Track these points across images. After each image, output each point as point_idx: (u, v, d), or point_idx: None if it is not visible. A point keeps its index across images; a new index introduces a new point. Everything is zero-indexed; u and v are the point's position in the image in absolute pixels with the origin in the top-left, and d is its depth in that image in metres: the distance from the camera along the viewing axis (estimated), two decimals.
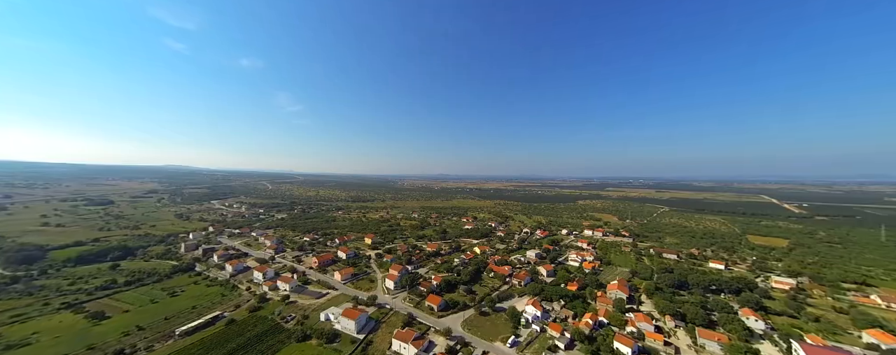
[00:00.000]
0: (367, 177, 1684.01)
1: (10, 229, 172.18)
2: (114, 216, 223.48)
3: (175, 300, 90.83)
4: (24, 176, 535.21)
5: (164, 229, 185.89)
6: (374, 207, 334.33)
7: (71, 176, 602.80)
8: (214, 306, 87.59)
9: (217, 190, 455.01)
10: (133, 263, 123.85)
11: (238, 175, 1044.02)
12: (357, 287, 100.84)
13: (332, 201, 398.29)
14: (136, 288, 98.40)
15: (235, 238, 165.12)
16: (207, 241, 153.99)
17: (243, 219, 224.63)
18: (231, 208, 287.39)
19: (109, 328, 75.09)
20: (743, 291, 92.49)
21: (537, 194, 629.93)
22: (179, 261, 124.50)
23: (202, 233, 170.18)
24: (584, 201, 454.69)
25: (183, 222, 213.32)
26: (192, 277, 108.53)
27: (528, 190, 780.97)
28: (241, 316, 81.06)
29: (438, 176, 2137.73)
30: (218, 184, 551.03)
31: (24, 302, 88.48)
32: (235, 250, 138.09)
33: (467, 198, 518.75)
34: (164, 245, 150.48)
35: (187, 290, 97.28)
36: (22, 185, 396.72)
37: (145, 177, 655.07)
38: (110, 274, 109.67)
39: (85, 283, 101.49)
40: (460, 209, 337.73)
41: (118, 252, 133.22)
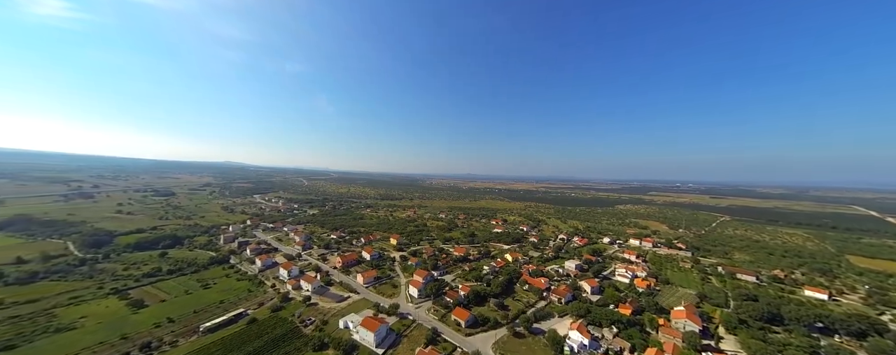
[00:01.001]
0: (395, 175, 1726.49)
1: (91, 215, 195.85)
2: (173, 206, 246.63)
3: (206, 292, 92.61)
4: (112, 169, 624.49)
5: (211, 220, 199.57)
6: (402, 206, 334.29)
7: (146, 169, 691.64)
8: (240, 302, 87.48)
9: (260, 185, 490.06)
10: (179, 252, 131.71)
11: (280, 171, 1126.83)
12: (379, 292, 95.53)
13: (362, 198, 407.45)
14: (176, 278, 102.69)
15: (269, 232, 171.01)
16: (244, 234, 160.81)
17: (278, 214, 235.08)
18: (269, 202, 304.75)
19: (145, 317, 77.25)
20: (868, 335, 70.56)
21: (571, 197, 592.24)
22: (217, 252, 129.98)
23: (240, 225, 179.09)
24: (625, 206, 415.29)
25: (227, 214, 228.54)
26: (226, 270, 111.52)
27: (560, 192, 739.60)
28: (263, 315, 79.35)
29: (465, 175, 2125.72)
30: (261, 180, 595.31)
31: (84, 284, 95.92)
32: (266, 245, 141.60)
33: (495, 199, 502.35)
34: (207, 235, 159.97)
35: (219, 283, 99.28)
36: (109, 177, 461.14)
37: (204, 172, 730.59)
38: (158, 262, 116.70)
39: (136, 270, 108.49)
40: (489, 210, 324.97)
41: (169, 240, 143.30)
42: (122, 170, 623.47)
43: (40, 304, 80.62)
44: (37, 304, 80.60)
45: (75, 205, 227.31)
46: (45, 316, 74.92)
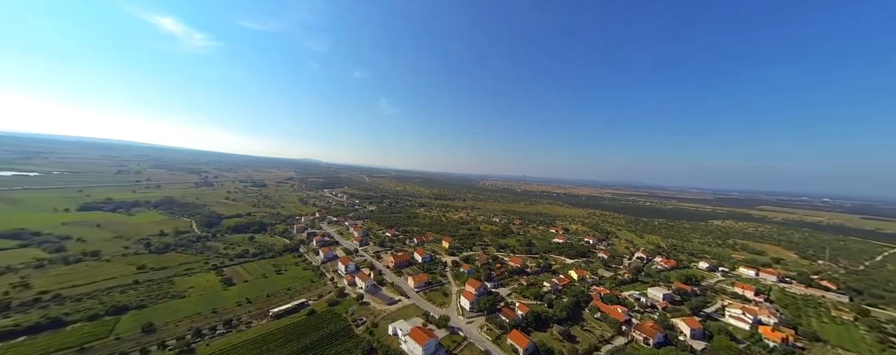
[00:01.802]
0: (448, 174, 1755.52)
1: (209, 200, 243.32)
2: (263, 196, 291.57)
3: (279, 278, 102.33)
4: (226, 163, 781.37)
5: (289, 210, 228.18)
6: (455, 206, 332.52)
7: (248, 164, 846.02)
8: (303, 291, 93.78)
9: (330, 180, 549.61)
10: (263, 237, 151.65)
11: (346, 168, 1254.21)
12: (430, 298, 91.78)
13: (416, 197, 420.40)
14: (258, 261, 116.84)
15: (333, 225, 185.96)
16: (313, 225, 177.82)
17: (342, 208, 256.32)
18: (336, 197, 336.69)
19: (231, 294, 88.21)
20: None
21: (645, 206, 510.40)
22: (291, 241, 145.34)
23: (311, 217, 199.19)
24: (723, 222, 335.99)
25: (302, 206, 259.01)
26: (295, 258, 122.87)
27: (631, 200, 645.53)
28: (320, 308, 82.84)
29: (520, 177, 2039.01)
30: (331, 176, 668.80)
31: (195, 258, 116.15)
32: (329, 237, 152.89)
33: (554, 203, 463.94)
34: (285, 224, 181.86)
35: (289, 270, 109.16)
36: (224, 170, 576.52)
37: (288, 167, 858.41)
38: (247, 245, 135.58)
39: (231, 250, 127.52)
40: (547, 216, 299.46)
41: (256, 226, 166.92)
42: (233, 164, 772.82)
43: (166, 272, 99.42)
44: (164, 272, 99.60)
45: (201, 192, 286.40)
46: (167, 283, 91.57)
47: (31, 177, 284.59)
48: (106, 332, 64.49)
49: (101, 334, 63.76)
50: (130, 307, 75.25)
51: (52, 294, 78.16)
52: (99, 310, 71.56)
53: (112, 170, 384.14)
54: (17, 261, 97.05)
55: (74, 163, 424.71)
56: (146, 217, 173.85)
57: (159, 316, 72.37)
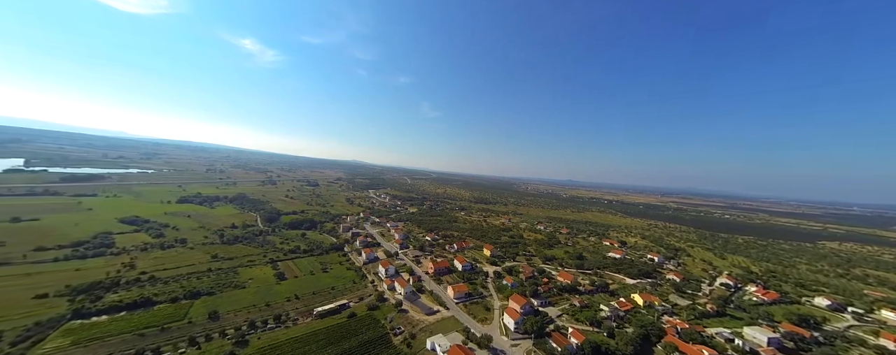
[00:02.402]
0: (489, 177, 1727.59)
1: (271, 197, 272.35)
2: (316, 195, 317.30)
3: (324, 276, 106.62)
4: (288, 164, 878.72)
5: (337, 210, 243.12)
6: (496, 211, 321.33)
7: (305, 165, 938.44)
8: (345, 292, 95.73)
9: (375, 181, 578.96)
10: (313, 234, 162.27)
11: (390, 170, 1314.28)
12: (470, 312, 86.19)
13: (456, 200, 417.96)
14: (307, 258, 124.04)
15: (376, 226, 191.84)
16: (357, 225, 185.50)
17: (385, 209, 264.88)
18: (379, 198, 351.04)
19: (283, 289, 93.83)
20: None
21: (722, 219, 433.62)
22: (336, 239, 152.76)
23: (356, 217, 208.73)
24: (841, 244, 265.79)
25: (348, 205, 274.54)
26: (340, 257, 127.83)
27: (701, 210, 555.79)
28: (361, 311, 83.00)
29: (566, 181, 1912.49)
30: (376, 177, 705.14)
31: (256, 250, 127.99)
32: (372, 239, 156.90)
33: (605, 211, 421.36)
34: (333, 223, 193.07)
35: (333, 269, 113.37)
36: (287, 170, 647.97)
37: (338, 168, 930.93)
38: (299, 241, 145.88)
39: (286, 245, 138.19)
40: (598, 226, 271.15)
41: (308, 224, 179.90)
42: (292, 164, 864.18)
43: (232, 263, 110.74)
44: (231, 262, 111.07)
45: (266, 189, 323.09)
46: (232, 273, 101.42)
47: (149, 174, 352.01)
48: (181, 315, 72.38)
49: (178, 316, 71.72)
50: (202, 293, 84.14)
51: (148, 275, 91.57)
52: (179, 294, 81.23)
53: (202, 169, 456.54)
54: (129, 244, 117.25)
55: (178, 163, 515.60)
56: (223, 210, 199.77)
57: (223, 305, 79.38)
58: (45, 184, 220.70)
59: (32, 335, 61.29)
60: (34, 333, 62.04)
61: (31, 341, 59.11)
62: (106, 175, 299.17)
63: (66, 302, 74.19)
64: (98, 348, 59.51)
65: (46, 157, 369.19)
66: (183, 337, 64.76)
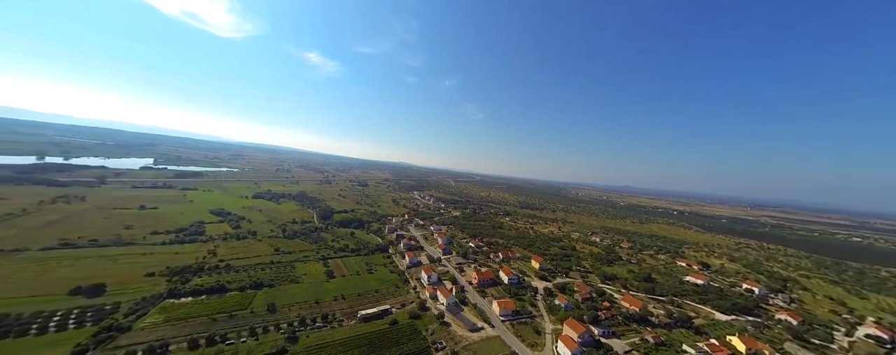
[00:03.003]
0: (535, 181, 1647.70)
1: (326, 196, 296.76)
2: (365, 195, 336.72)
3: (369, 277, 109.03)
4: (342, 165, 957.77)
5: (383, 210, 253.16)
6: (543, 218, 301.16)
7: (356, 166, 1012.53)
8: (388, 296, 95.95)
9: (419, 183, 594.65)
10: (361, 234, 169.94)
11: (434, 172, 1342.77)
12: (518, 333, 78.45)
13: (501, 204, 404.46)
14: (354, 257, 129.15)
15: (419, 228, 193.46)
16: (401, 227, 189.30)
17: (429, 212, 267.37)
18: (424, 200, 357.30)
19: (332, 287, 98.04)
20: None
21: (852, 243, 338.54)
22: (382, 240, 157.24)
23: (400, 218, 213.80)
24: None
25: (394, 206, 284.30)
26: (385, 258, 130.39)
27: (816, 229, 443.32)
28: (402, 319, 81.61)
29: (622, 187, 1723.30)
30: (421, 179, 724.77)
31: (312, 246, 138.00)
32: (415, 242, 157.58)
33: (675, 224, 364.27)
34: (379, 223, 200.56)
35: (378, 271, 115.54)
36: (341, 170, 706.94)
37: (386, 169, 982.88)
38: (348, 240, 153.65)
39: (336, 243, 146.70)
40: (667, 241, 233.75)
41: (357, 223, 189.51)
42: (346, 165, 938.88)
43: (290, 257, 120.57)
44: (289, 256, 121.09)
45: (322, 188, 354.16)
46: (289, 267, 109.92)
47: (234, 172, 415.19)
48: (246, 304, 79.65)
49: (243, 305, 79.07)
50: (264, 284, 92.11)
51: (225, 263, 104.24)
52: (246, 283, 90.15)
53: (273, 169, 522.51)
54: (215, 233, 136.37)
55: (255, 163, 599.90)
56: (287, 206, 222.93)
57: (280, 298, 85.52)
58: (164, 178, 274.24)
59: (139, 309, 73.03)
60: (140, 307, 73.91)
61: (136, 315, 70.35)
62: (204, 172, 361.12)
63: (165, 281, 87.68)
64: (182, 327, 68.01)
65: (167, 157, 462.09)
66: (245, 326, 70.60)
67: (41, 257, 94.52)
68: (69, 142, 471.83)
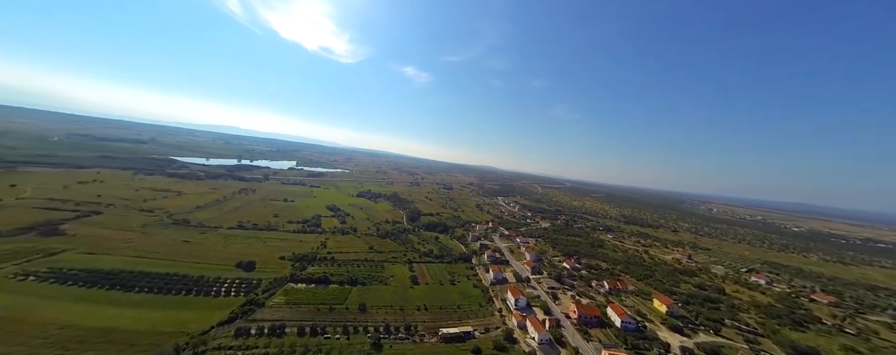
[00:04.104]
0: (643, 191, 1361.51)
1: (414, 198, 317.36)
2: (450, 198, 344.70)
3: (452, 289, 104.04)
4: (430, 169, 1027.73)
5: (467, 215, 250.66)
6: (661, 239, 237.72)
7: (442, 169, 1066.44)
8: (471, 315, 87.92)
9: (504, 188, 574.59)
10: (445, 239, 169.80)
11: (519, 177, 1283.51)
12: None
13: (599, 217, 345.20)
14: (438, 264, 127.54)
15: (504, 239, 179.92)
16: (485, 236, 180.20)
17: (514, 220, 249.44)
18: (508, 206, 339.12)
19: (415, 294, 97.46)
20: None
21: None
22: (465, 248, 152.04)
23: (484, 226, 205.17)
24: None
25: (478, 212, 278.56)
26: (467, 270, 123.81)
27: None
28: (485, 347, 71.74)
29: (793, 205, 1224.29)
30: (505, 184, 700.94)
31: (400, 248, 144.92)
32: (500, 254, 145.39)
33: None
34: (463, 229, 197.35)
35: (460, 283, 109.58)
36: (429, 172, 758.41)
37: (469, 173, 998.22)
38: (433, 245, 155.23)
39: (422, 246, 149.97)
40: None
41: (441, 227, 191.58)
42: (433, 168, 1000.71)
43: (381, 256, 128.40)
44: (380, 256, 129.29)
45: (412, 190, 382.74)
46: (379, 267, 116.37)
47: (346, 173, 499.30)
48: (343, 300, 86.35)
49: (340, 300, 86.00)
50: (358, 281, 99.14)
51: (331, 256, 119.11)
52: (344, 278, 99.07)
53: (373, 171, 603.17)
54: (328, 226, 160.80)
55: (361, 165, 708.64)
56: (382, 206, 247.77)
57: (370, 298, 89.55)
58: (301, 177, 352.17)
59: (271, 288, 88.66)
60: (273, 286, 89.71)
61: (269, 293, 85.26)
62: (326, 173, 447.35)
63: (291, 265, 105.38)
64: (295, 312, 77.99)
65: (305, 160, 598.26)
66: (340, 322, 75.40)
67: (226, 234, 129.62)
68: (252, 150, 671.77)
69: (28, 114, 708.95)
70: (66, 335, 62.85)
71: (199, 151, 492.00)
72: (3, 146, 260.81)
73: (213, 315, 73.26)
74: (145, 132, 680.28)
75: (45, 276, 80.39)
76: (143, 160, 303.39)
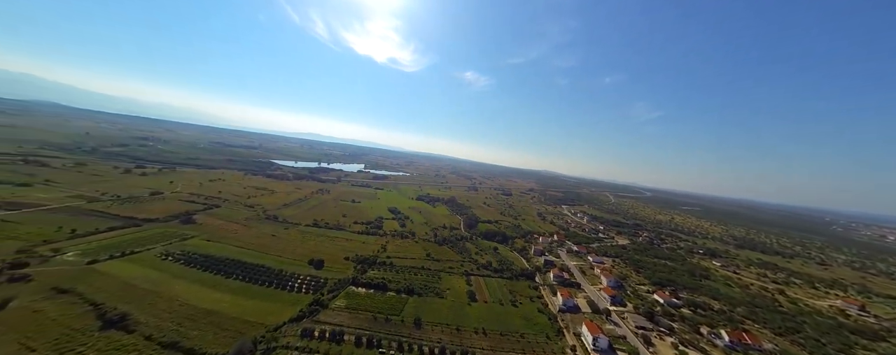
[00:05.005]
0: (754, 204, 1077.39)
1: (472, 203, 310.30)
2: (508, 205, 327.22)
3: (513, 311, 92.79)
4: (487, 173, 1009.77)
5: (528, 225, 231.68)
6: (801, 274, 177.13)
7: (500, 173, 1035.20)
8: (537, 348, 75.34)
9: (568, 196, 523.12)
10: (505, 250, 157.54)
11: (585, 183, 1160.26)
12: None
13: (696, 235, 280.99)
14: (497, 279, 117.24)
15: (573, 256, 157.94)
16: (550, 250, 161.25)
17: (583, 234, 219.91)
18: (574, 217, 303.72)
19: (473, 313, 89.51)
20: None
21: None
22: (527, 263, 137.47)
23: (549, 239, 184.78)
24: None
25: (540, 221, 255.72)
26: (531, 289, 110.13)
27: None
28: None
29: None
30: (570, 191, 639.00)
31: (457, 257, 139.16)
32: (569, 275, 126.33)
33: None
34: (524, 240, 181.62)
35: (523, 305, 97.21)
36: (486, 177, 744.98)
37: (529, 178, 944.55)
38: (491, 256, 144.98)
39: (480, 257, 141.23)
40: None
41: (500, 237, 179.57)
42: (490, 173, 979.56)
43: (438, 265, 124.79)
44: (437, 264, 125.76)
45: (469, 195, 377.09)
46: (436, 277, 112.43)
47: (407, 176, 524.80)
48: (398, 310, 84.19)
49: (396, 310, 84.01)
50: (415, 291, 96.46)
51: (390, 260, 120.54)
52: (401, 287, 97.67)
53: (432, 174, 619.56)
54: (388, 229, 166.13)
55: (421, 169, 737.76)
56: (440, 210, 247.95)
57: (426, 312, 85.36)
58: (368, 180, 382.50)
59: (335, 289, 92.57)
60: (337, 287, 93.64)
61: (332, 294, 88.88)
62: (389, 176, 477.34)
63: (353, 267, 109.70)
64: (353, 318, 78.67)
65: (371, 163, 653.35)
66: (395, 336, 72.67)
67: (303, 231, 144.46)
68: (329, 154, 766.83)
69: (188, 127, 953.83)
70: (184, 312, 74.51)
71: (290, 155, 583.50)
72: (169, 152, 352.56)
73: (286, 310, 78.79)
74: (256, 139, 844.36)
75: (178, 257, 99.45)
76: (252, 163, 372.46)
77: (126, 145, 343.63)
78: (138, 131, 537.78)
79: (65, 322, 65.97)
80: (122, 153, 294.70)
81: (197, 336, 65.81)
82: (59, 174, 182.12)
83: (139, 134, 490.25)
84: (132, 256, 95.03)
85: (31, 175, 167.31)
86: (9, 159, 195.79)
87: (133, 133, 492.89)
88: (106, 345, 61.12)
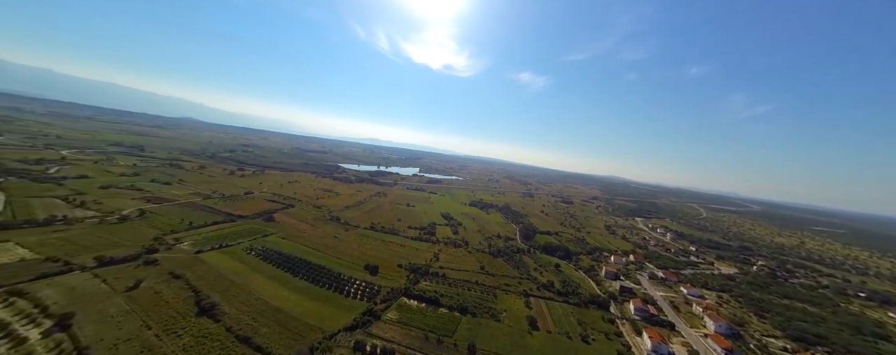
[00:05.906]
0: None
1: (528, 211, 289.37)
2: (569, 215, 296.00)
3: (585, 350, 77.69)
4: (544, 178, 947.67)
5: (595, 239, 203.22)
6: None
7: (558, 179, 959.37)
8: None
9: (642, 206, 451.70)
10: (568, 268, 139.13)
11: (662, 191, 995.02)
12: None
13: (847, 269, 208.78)
14: (561, 304, 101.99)
15: (658, 284, 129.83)
16: (626, 274, 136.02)
17: (668, 255, 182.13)
18: (653, 232, 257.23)
19: (534, 346, 77.65)
20: None
21: None
22: (598, 287, 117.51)
23: (623, 259, 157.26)
24: None
25: (609, 236, 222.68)
26: (606, 322, 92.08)
27: None
28: None
29: None
30: (644, 200, 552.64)
31: (513, 273, 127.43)
32: (656, 310, 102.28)
33: None
34: (591, 258, 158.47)
35: (596, 342, 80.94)
36: (543, 182, 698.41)
37: (593, 184, 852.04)
38: (552, 274, 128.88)
39: (539, 275, 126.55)
40: None
41: (562, 252, 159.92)
42: (547, 178, 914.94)
43: (493, 280, 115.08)
44: (492, 279, 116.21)
45: (524, 201, 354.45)
46: (491, 295, 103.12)
47: (460, 180, 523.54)
48: (451, 331, 77.76)
49: (448, 331, 77.74)
50: (469, 309, 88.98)
51: (443, 271, 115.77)
52: (454, 303, 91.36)
53: (486, 179, 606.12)
54: (441, 236, 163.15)
55: (474, 173, 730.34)
56: (493, 217, 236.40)
57: (481, 337, 77.11)
58: (422, 183, 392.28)
59: (388, 298, 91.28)
60: (389, 297, 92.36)
61: (385, 304, 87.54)
62: (442, 180, 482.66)
63: (406, 276, 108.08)
64: (405, 334, 75.09)
65: (426, 167, 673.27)
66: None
67: (361, 234, 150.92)
68: (387, 158, 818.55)
69: (277, 135, 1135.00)
70: (258, 307, 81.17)
71: (353, 159, 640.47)
72: (261, 156, 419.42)
73: (342, 316, 79.71)
74: (327, 145, 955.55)
75: (258, 253, 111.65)
76: (323, 166, 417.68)
77: (233, 151, 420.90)
78: (243, 139, 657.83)
79: (174, 305, 77.23)
80: (230, 157, 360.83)
81: (266, 333, 69.98)
82: (189, 175, 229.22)
83: (243, 141, 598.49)
84: (225, 249, 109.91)
85: (172, 175, 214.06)
86: (161, 163, 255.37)
87: (240, 141, 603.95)
88: (198, 332, 68.89)
